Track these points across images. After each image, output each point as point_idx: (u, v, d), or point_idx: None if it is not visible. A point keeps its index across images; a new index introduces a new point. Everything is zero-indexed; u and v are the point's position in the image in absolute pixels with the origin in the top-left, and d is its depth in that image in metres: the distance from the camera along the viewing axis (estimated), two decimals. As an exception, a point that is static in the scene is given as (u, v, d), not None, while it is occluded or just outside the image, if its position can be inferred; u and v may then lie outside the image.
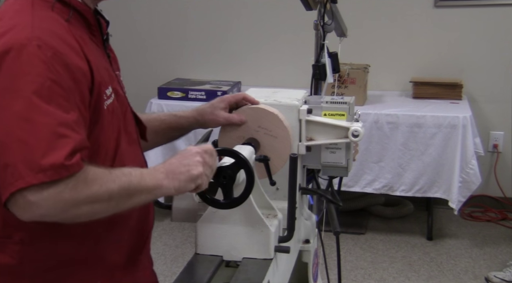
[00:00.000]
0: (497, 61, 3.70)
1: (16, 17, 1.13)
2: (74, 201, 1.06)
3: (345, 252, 3.29)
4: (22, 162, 1.02)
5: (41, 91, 1.05)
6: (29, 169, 1.02)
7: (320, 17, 2.01)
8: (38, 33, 1.09)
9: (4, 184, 1.04)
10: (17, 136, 1.03)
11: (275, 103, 1.52)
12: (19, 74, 1.05)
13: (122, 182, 1.11)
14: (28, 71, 1.05)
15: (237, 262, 1.39)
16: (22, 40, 1.07)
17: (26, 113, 1.04)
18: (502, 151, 3.79)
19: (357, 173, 3.35)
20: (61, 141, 1.04)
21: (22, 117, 1.04)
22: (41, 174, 1.02)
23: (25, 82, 1.05)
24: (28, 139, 1.03)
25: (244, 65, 4.05)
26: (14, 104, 1.04)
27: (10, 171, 1.03)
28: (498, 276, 2.99)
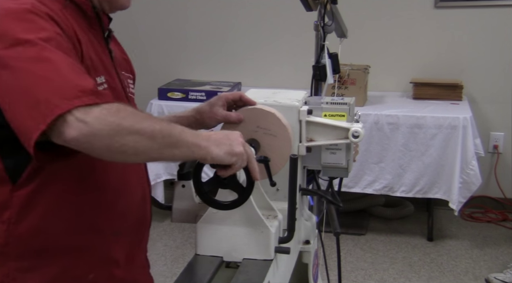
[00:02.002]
0: (497, 62, 3.70)
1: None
2: (119, 126, 1.05)
3: (346, 253, 3.29)
4: (55, 94, 1.04)
5: (49, 40, 1.08)
6: (64, 97, 1.03)
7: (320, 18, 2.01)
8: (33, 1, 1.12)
9: (39, 119, 1.03)
10: (40, 75, 1.05)
11: (275, 104, 1.52)
12: (19, 27, 1.08)
13: (163, 126, 1.11)
14: (27, 25, 1.08)
15: (237, 263, 1.39)
16: (14, 3, 1.11)
17: (41, 55, 1.06)
18: (503, 152, 3.79)
19: (358, 174, 3.35)
20: (82, 75, 1.08)
21: (38, 59, 1.06)
22: (81, 98, 1.04)
23: (32, 33, 1.07)
24: (52, 75, 1.05)
25: (244, 66, 4.05)
26: (26, 51, 1.06)
27: (44, 105, 1.03)
28: (498, 277, 2.99)
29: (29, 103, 1.04)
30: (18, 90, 1.06)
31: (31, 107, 1.04)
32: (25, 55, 1.06)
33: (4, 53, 1.07)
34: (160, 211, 3.72)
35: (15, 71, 1.06)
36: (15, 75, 1.06)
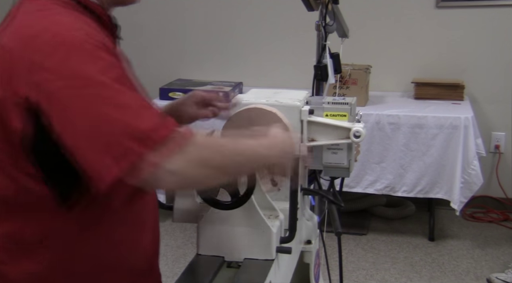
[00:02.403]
0: (498, 62, 3.70)
1: (50, 14, 1.10)
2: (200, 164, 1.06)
3: (347, 253, 3.29)
4: (126, 137, 1.01)
5: (107, 73, 1.05)
6: (136, 140, 1.01)
7: (322, 18, 2.00)
8: (79, 25, 1.09)
9: (112, 163, 1.01)
10: (108, 117, 1.02)
11: (276, 103, 1.52)
12: (81, 62, 1.04)
13: (244, 156, 1.14)
14: (87, 58, 1.05)
15: (238, 263, 1.39)
16: (69, 31, 1.06)
17: (104, 94, 1.03)
18: (504, 152, 3.79)
19: (359, 174, 3.35)
20: (148, 110, 1.06)
21: (102, 99, 1.03)
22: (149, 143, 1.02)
23: (90, 67, 1.04)
24: (119, 116, 1.02)
25: (245, 65, 4.05)
26: (88, 90, 1.03)
27: (116, 149, 1.01)
28: (500, 277, 2.99)
29: (99, 147, 1.02)
30: (85, 132, 1.03)
31: (102, 151, 1.02)
32: (90, 94, 1.03)
33: (71, 92, 1.03)
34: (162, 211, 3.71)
35: (89, 112, 1.02)
36: (88, 116, 1.02)
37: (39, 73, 1.03)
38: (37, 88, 1.03)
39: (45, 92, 1.03)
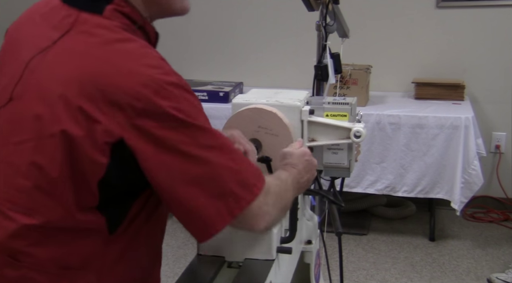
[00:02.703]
0: (499, 62, 3.70)
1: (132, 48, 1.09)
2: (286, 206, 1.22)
3: (347, 253, 3.29)
4: (238, 186, 1.08)
5: (206, 119, 1.09)
6: (245, 188, 1.09)
7: (322, 18, 2.00)
8: (167, 65, 1.11)
9: (225, 211, 1.07)
10: (220, 164, 1.07)
11: (277, 103, 1.52)
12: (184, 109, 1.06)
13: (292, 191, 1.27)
14: (189, 104, 1.07)
15: (239, 263, 1.39)
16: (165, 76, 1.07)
17: (210, 142, 1.07)
18: (504, 152, 3.79)
19: (359, 174, 3.35)
20: (242, 155, 1.15)
21: (210, 147, 1.06)
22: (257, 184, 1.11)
23: (201, 118, 1.07)
24: (229, 164, 1.08)
25: (246, 65, 4.05)
26: (198, 137, 1.06)
27: (230, 197, 1.07)
28: (500, 277, 2.99)
29: (213, 194, 1.06)
30: (198, 179, 1.05)
31: (216, 199, 1.06)
32: (199, 142, 1.05)
33: (170, 135, 1.04)
34: (162, 211, 3.73)
35: (193, 158, 1.05)
36: (193, 162, 1.05)
37: (143, 118, 1.02)
38: (138, 131, 1.03)
39: (150, 138, 1.03)
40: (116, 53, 1.06)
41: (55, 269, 1.12)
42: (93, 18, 1.11)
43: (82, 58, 1.07)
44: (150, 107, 1.02)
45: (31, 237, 1.09)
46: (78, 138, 1.04)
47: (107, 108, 1.03)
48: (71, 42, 1.10)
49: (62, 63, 1.08)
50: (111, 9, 1.12)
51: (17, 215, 1.09)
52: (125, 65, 1.05)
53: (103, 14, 1.11)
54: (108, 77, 1.04)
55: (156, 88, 1.03)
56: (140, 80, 1.03)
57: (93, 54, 1.06)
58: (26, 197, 1.09)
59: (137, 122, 1.02)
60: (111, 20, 1.11)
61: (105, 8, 1.11)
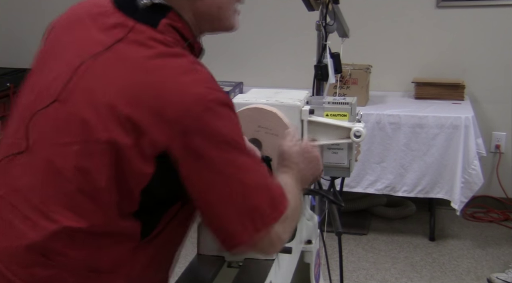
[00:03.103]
0: (499, 62, 3.70)
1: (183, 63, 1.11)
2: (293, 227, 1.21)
3: (347, 253, 3.29)
4: (267, 204, 1.11)
5: (240, 137, 1.12)
6: (273, 206, 1.11)
7: (322, 18, 2.00)
8: (215, 82, 1.14)
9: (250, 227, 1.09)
10: (251, 182, 1.10)
11: (277, 103, 1.52)
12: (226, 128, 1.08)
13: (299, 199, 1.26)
14: (231, 122, 1.10)
15: (239, 263, 1.39)
16: (214, 91, 1.09)
17: (242, 160, 1.10)
18: (505, 152, 3.79)
19: (359, 174, 3.35)
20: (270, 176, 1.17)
21: (242, 166, 1.09)
22: (280, 208, 1.13)
23: (234, 133, 1.10)
24: (259, 181, 1.11)
25: (246, 65, 4.05)
26: (234, 156, 1.09)
27: (257, 214, 1.10)
28: (500, 277, 2.98)
29: (242, 211, 1.09)
30: (230, 196, 1.08)
31: (244, 215, 1.09)
32: (234, 160, 1.08)
33: (215, 153, 1.06)
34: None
35: (227, 176, 1.08)
36: (231, 181, 1.08)
37: (190, 135, 1.04)
38: (184, 146, 1.05)
39: (194, 154, 1.06)
40: (168, 67, 1.07)
41: (85, 272, 1.12)
42: (148, 30, 1.11)
43: (134, 68, 1.07)
44: (199, 124, 1.04)
45: (70, 239, 1.09)
46: (125, 147, 1.04)
47: (156, 120, 1.04)
48: (124, 51, 1.09)
49: (114, 71, 1.08)
50: (165, 23, 1.13)
51: (59, 216, 1.09)
52: (177, 79, 1.06)
53: (157, 28, 1.11)
54: (159, 90, 1.05)
55: (206, 106, 1.05)
56: (192, 96, 1.05)
57: (145, 66, 1.07)
58: (69, 199, 1.09)
59: (183, 138, 1.04)
60: (164, 35, 1.11)
61: (160, 22, 1.12)
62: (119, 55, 1.09)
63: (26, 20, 4.33)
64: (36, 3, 4.28)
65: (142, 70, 1.06)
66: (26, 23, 4.29)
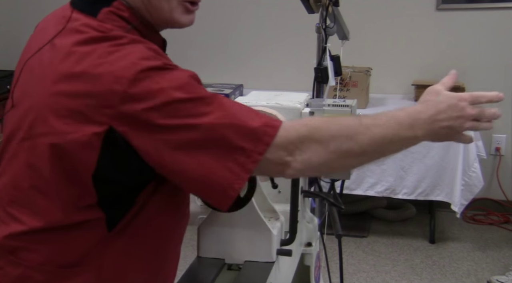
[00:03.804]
0: (499, 64, 3.70)
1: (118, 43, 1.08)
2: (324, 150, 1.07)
3: (347, 255, 3.29)
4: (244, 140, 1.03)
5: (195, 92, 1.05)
6: (254, 140, 1.04)
7: (322, 20, 2.00)
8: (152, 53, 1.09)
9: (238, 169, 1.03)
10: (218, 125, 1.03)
11: (277, 106, 1.52)
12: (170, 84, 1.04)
13: (374, 135, 1.11)
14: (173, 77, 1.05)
15: (239, 265, 1.39)
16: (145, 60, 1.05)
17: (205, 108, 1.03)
18: (505, 154, 3.79)
19: (359, 176, 3.35)
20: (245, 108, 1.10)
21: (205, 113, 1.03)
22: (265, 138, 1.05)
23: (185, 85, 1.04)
24: (229, 121, 1.03)
25: (246, 68, 4.05)
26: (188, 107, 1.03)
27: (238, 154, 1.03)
28: (500, 280, 2.98)
29: (220, 156, 1.03)
30: (200, 146, 1.03)
31: (224, 160, 1.03)
32: (193, 112, 1.03)
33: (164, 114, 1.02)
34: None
35: (191, 127, 1.02)
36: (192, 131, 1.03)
37: (128, 104, 1.01)
38: (127, 118, 1.02)
39: (139, 121, 1.02)
40: (97, 50, 1.06)
41: (53, 268, 1.12)
42: (84, 18, 1.12)
43: (65, 55, 1.08)
44: (133, 91, 1.01)
45: (32, 237, 1.11)
46: (65, 134, 1.04)
47: (91, 100, 1.03)
48: (59, 40, 1.11)
49: (48, 62, 1.10)
50: (107, 11, 1.12)
51: (20, 215, 1.11)
52: (106, 59, 1.05)
53: (97, 17, 1.11)
54: (89, 72, 1.04)
55: (137, 72, 1.02)
56: (120, 68, 1.03)
57: (75, 51, 1.07)
58: (26, 197, 1.11)
59: (122, 109, 1.02)
60: (103, 22, 1.11)
61: (101, 10, 1.12)
62: (53, 45, 1.11)
63: (26, 23, 4.33)
64: (36, 5, 4.28)
65: (72, 56, 1.07)
66: (27, 26, 4.30)
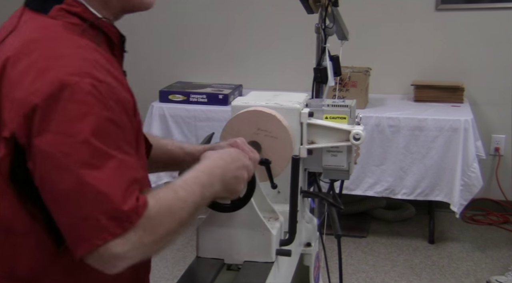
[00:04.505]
0: (498, 64, 3.70)
1: (56, 46, 1.05)
2: (154, 242, 1.03)
3: (347, 256, 3.29)
4: (103, 214, 0.97)
5: (101, 134, 0.99)
6: (111, 219, 0.97)
7: (322, 20, 2.00)
8: (87, 67, 1.02)
9: (82, 237, 0.98)
10: (90, 186, 0.97)
11: (276, 106, 1.52)
12: (77, 117, 0.98)
13: (190, 207, 1.09)
14: (85, 112, 0.98)
15: (238, 266, 1.39)
16: (73, 76, 0.99)
17: (92, 160, 0.97)
18: (504, 154, 3.79)
19: (359, 176, 3.35)
20: (132, 185, 1.00)
21: (89, 165, 0.97)
22: (125, 223, 0.98)
23: (84, 125, 0.98)
24: (102, 188, 0.97)
25: (245, 68, 4.05)
26: (77, 151, 0.97)
27: (90, 223, 0.97)
28: (499, 280, 2.98)
29: (75, 215, 0.98)
30: (64, 195, 0.98)
31: (78, 220, 0.98)
32: (78, 156, 0.97)
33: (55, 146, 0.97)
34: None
35: (73, 178, 0.97)
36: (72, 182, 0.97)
37: (34, 122, 0.98)
38: (27, 132, 0.99)
39: (32, 140, 0.99)
40: (39, 50, 1.04)
41: (5, 281, 1.09)
42: (36, 17, 1.10)
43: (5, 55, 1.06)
44: (43, 109, 0.98)
45: None
46: None
47: (7, 103, 1.02)
48: (8, 42, 1.10)
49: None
50: (58, 8, 1.10)
51: None
52: (40, 64, 1.02)
53: (48, 14, 1.10)
54: (22, 75, 1.02)
55: (57, 90, 0.98)
56: (45, 79, 1.00)
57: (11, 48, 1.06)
58: None
59: (25, 122, 1.00)
60: (55, 20, 1.09)
61: (53, 7, 1.10)
62: (3, 47, 1.10)
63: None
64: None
65: (7, 54, 1.06)
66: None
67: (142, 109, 4.14)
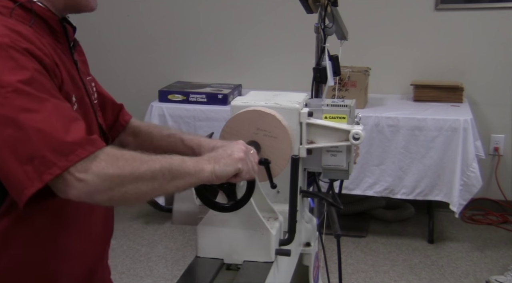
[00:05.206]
0: (498, 64, 3.70)
1: None
2: (119, 177, 1.07)
3: (346, 255, 3.29)
4: (49, 150, 1.02)
5: (32, 82, 1.05)
6: (59, 153, 1.03)
7: (321, 20, 2.00)
8: (8, 31, 1.08)
9: (34, 175, 1.02)
10: (31, 127, 1.02)
11: (275, 106, 1.52)
12: (3, 70, 1.04)
13: (163, 163, 1.12)
14: (12, 66, 1.05)
15: (238, 265, 1.39)
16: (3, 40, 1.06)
17: (28, 105, 1.03)
18: (503, 154, 3.79)
19: (358, 176, 3.35)
20: (74, 122, 1.07)
21: (26, 110, 1.03)
22: (76, 151, 1.03)
23: (13, 76, 1.04)
24: (43, 127, 1.03)
25: (244, 68, 4.05)
26: (11, 100, 1.03)
27: (39, 161, 1.02)
28: (499, 280, 2.98)
29: (22, 157, 1.03)
30: (8, 141, 1.03)
31: (25, 162, 1.02)
32: (12, 103, 1.03)
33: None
34: (161, 213, 3.73)
35: (12, 121, 1.03)
36: (11, 125, 1.03)
37: None
38: None
39: None
40: None
41: None
42: None
43: None
44: None
45: None
46: None
47: None
48: None
49: None
50: None
51: None
52: None
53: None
54: None
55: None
56: None
57: None
58: None
59: None
60: None
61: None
62: None
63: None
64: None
65: None
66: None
67: (142, 109, 4.18)
